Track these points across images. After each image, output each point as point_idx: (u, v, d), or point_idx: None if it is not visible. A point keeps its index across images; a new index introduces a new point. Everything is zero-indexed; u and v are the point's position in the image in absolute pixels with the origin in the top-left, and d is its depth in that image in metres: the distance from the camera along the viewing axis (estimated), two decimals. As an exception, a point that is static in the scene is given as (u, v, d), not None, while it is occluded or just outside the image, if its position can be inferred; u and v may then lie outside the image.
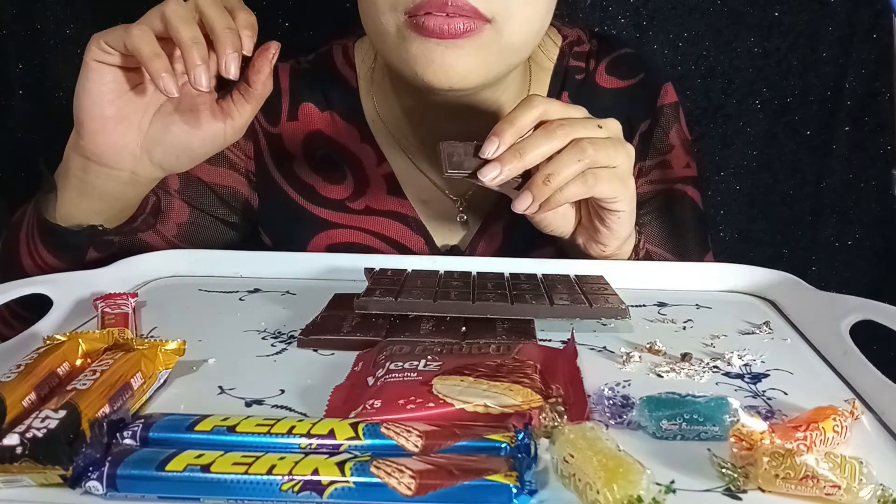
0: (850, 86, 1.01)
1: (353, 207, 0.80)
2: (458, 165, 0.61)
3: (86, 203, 0.66)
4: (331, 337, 0.55)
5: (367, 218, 0.80)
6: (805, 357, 0.55)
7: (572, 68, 0.80)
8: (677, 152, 0.82)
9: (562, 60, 0.80)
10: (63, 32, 0.99)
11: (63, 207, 0.66)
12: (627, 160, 0.63)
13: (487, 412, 0.42)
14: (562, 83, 0.80)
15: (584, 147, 0.60)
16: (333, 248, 0.80)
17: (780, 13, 0.99)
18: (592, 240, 0.68)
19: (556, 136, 0.60)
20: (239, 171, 0.81)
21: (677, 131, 0.82)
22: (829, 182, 1.05)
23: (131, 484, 0.36)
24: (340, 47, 0.82)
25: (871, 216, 1.06)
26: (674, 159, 0.81)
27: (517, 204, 0.61)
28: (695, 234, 0.82)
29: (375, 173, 0.79)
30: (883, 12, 0.96)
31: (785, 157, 1.05)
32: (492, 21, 0.63)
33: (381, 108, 0.79)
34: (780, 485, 0.37)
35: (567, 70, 0.80)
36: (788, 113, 1.03)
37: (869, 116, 1.02)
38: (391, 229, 0.80)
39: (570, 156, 0.59)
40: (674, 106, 0.82)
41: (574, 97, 0.79)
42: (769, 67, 1.01)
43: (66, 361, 0.46)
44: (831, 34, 0.99)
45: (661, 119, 0.81)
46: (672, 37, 1.01)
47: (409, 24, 0.63)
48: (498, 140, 0.60)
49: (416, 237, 0.80)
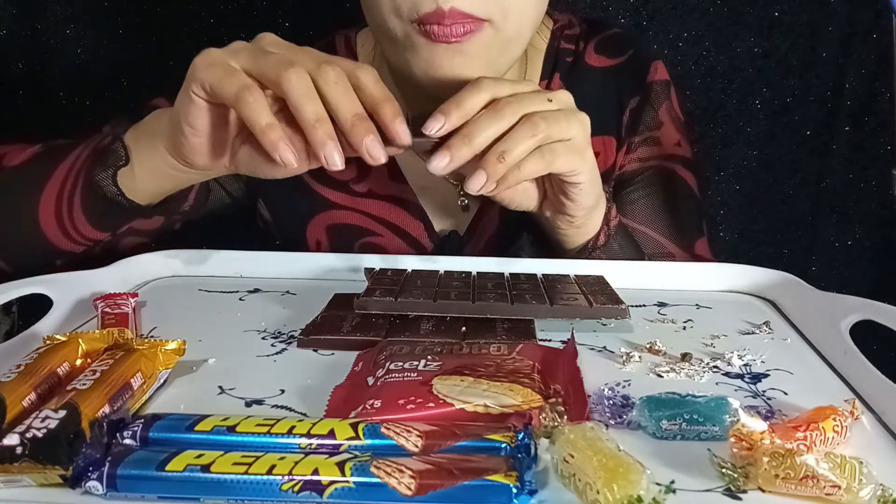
0: (850, 86, 1.01)
1: (357, 190, 0.80)
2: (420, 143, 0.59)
3: (154, 185, 0.65)
4: (331, 337, 0.55)
5: (369, 201, 0.80)
6: (805, 357, 0.55)
7: (563, 50, 0.81)
8: (667, 129, 0.81)
9: (553, 43, 0.82)
10: (63, 32, 0.99)
11: (130, 182, 0.65)
12: (582, 131, 0.62)
13: (487, 412, 0.42)
14: (553, 66, 0.81)
15: (537, 122, 0.59)
16: (333, 228, 0.80)
17: (780, 13, 0.99)
18: (559, 212, 0.68)
19: (505, 114, 0.59)
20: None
21: (668, 109, 0.82)
22: (829, 182, 1.05)
23: (131, 484, 0.36)
24: (343, 37, 0.82)
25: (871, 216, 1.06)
26: (663, 136, 0.81)
27: (471, 184, 0.58)
28: (685, 216, 0.82)
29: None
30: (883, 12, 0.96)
31: (785, 157, 1.05)
32: (489, 21, 0.64)
33: None
34: (780, 485, 0.37)
35: (558, 52, 0.81)
36: (788, 113, 1.03)
37: (869, 116, 1.02)
38: (392, 213, 0.80)
39: (523, 132, 0.58)
40: (664, 84, 0.82)
41: (564, 79, 0.80)
42: (769, 67, 1.01)
43: (66, 361, 0.46)
44: (831, 34, 0.99)
45: (651, 95, 0.81)
46: (672, 37, 1.01)
47: (417, 30, 0.64)
48: (443, 118, 0.58)
49: (415, 222, 0.80)
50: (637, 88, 0.81)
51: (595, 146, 0.79)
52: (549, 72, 0.81)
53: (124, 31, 1.00)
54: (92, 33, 1.00)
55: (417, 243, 0.80)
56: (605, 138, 0.81)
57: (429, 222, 0.80)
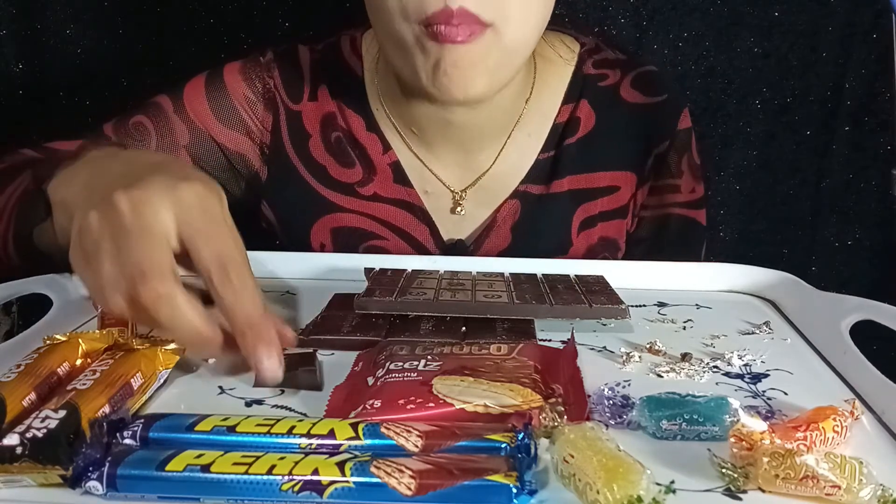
0: (850, 86, 1.01)
1: (362, 192, 0.80)
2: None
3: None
4: (331, 337, 0.55)
5: (374, 204, 0.80)
6: (805, 357, 0.55)
7: (593, 76, 0.81)
8: (686, 178, 0.83)
9: (581, 66, 0.81)
10: (63, 32, 0.99)
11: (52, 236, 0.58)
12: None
13: (487, 412, 0.42)
14: (580, 90, 0.80)
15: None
16: (338, 231, 0.81)
17: (780, 13, 0.99)
18: None
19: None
20: (254, 141, 0.81)
21: (689, 157, 0.83)
22: (829, 182, 1.05)
23: (131, 484, 0.36)
24: (348, 38, 0.82)
25: (871, 216, 1.06)
26: (683, 185, 0.83)
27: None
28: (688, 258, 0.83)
29: (381, 161, 0.80)
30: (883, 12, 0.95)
31: (785, 157, 1.05)
32: (491, 25, 0.64)
33: (385, 100, 0.80)
34: (780, 485, 0.37)
35: (586, 77, 0.81)
36: (788, 113, 1.03)
37: (869, 116, 1.02)
38: (397, 217, 0.80)
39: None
40: (688, 132, 0.83)
41: (594, 103, 0.80)
42: (769, 67, 1.01)
43: (66, 361, 0.46)
44: (831, 34, 0.99)
45: (677, 142, 0.82)
46: (672, 37, 1.01)
47: (424, 32, 0.63)
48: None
49: (421, 226, 0.80)
50: (666, 134, 0.82)
51: (615, 181, 0.81)
52: (576, 96, 0.80)
53: (124, 31, 1.00)
54: (92, 33, 1.00)
55: (422, 248, 0.80)
56: (627, 174, 0.81)
57: (434, 227, 0.80)
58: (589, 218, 0.81)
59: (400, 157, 0.80)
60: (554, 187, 0.80)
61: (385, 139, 0.80)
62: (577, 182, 0.80)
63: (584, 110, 0.80)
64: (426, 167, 0.80)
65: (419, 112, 0.76)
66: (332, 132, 0.80)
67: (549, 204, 0.80)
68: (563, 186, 0.80)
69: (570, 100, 0.80)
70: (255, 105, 0.79)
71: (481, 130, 0.77)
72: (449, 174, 0.80)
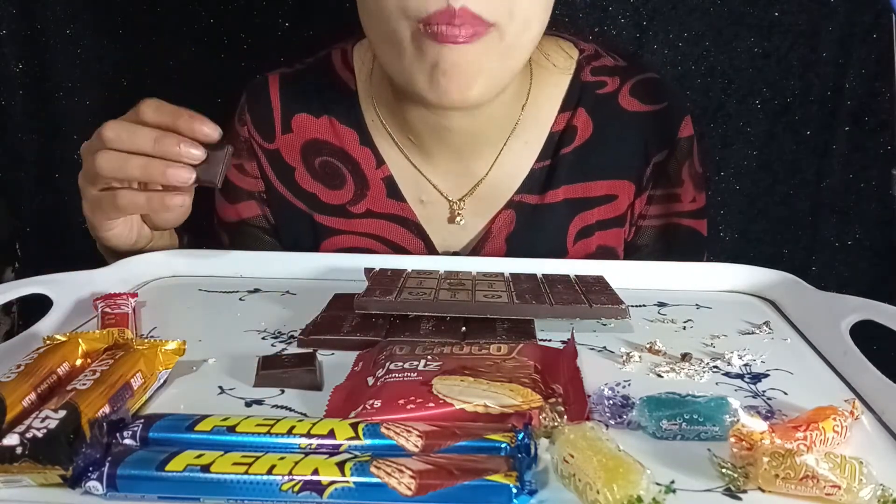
0: (850, 86, 1.01)
1: (354, 211, 0.80)
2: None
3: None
4: (331, 337, 0.55)
5: (368, 221, 0.80)
6: (805, 357, 0.55)
7: (591, 83, 0.80)
8: (686, 187, 0.82)
9: (579, 73, 0.80)
10: (63, 32, 0.99)
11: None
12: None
13: (487, 412, 0.42)
14: (577, 98, 0.80)
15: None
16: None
17: (780, 13, 0.99)
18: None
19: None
20: (255, 197, 0.83)
21: (689, 165, 0.82)
22: (829, 182, 1.05)
23: (131, 484, 0.36)
24: (339, 51, 0.82)
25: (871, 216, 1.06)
26: (682, 193, 0.82)
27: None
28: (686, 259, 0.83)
29: (374, 176, 0.80)
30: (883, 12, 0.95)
31: (785, 157, 1.05)
32: (494, 25, 0.63)
33: (380, 109, 0.79)
34: (780, 485, 0.37)
35: (584, 85, 0.80)
36: (788, 113, 1.03)
37: (869, 116, 1.02)
38: (392, 232, 0.80)
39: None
40: (689, 140, 0.82)
41: (592, 111, 0.80)
42: (769, 67, 1.01)
43: (66, 361, 0.46)
44: (831, 34, 0.99)
45: (677, 151, 0.81)
46: (672, 37, 1.01)
47: (423, 31, 0.63)
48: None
49: (416, 240, 0.80)
50: (665, 143, 0.81)
51: (612, 189, 0.80)
52: (573, 104, 0.79)
53: (124, 31, 1.00)
54: (92, 33, 1.00)
55: None
56: (625, 183, 0.81)
57: (429, 240, 0.80)
58: (586, 227, 0.80)
59: (394, 171, 0.80)
60: (549, 197, 0.79)
61: (379, 153, 0.79)
62: (573, 191, 0.80)
63: (581, 119, 0.79)
64: (423, 176, 0.80)
65: (415, 118, 0.76)
66: (315, 158, 0.81)
67: (544, 214, 0.80)
68: (559, 196, 0.80)
69: (567, 108, 0.80)
70: (242, 167, 0.82)
71: (477, 137, 0.77)
72: (445, 183, 0.80)
